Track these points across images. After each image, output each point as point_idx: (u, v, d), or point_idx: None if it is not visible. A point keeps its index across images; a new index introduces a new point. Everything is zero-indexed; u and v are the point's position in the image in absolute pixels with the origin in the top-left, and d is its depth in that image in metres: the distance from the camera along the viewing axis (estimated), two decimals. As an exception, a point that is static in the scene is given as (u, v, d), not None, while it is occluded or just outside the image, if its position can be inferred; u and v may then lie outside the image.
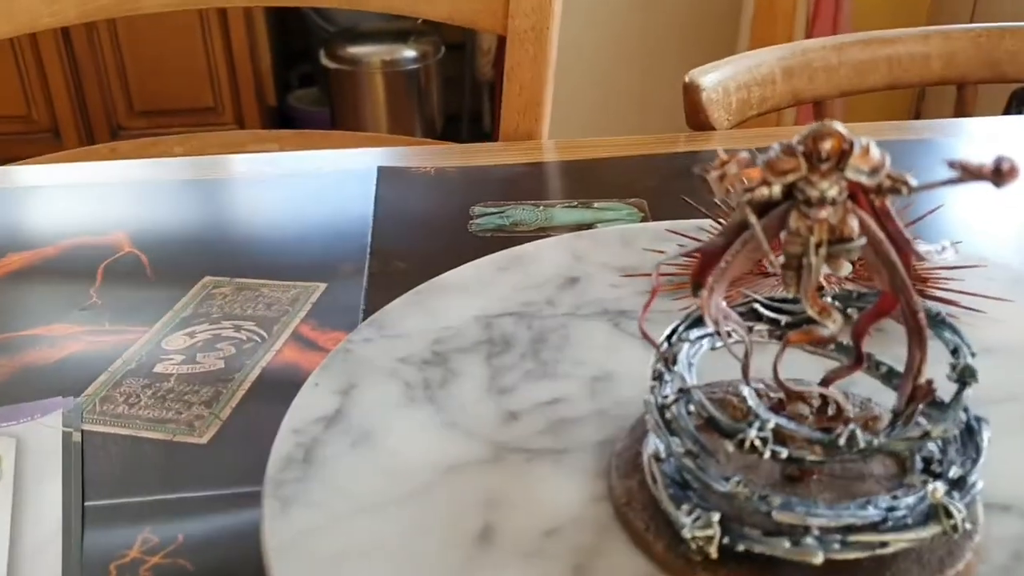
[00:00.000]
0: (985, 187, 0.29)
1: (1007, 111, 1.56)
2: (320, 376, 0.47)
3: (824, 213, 0.32)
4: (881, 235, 0.33)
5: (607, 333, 0.48)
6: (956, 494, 0.33)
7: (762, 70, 0.87)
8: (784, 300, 0.42)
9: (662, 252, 0.53)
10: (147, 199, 0.77)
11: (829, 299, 0.38)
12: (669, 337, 0.40)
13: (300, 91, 2.64)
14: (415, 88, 2.39)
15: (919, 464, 0.36)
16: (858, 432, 0.33)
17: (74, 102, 2.29)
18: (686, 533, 0.33)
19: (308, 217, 0.73)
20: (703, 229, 0.57)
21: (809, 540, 0.31)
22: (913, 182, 0.31)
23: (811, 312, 0.35)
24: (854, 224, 0.32)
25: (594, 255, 0.57)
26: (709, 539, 0.32)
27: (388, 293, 0.56)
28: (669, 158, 0.80)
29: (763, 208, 0.34)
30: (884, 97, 1.30)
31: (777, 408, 0.39)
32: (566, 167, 0.80)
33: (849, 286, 0.50)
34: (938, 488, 0.32)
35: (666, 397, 0.36)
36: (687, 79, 0.83)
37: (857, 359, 0.38)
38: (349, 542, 0.37)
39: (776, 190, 0.33)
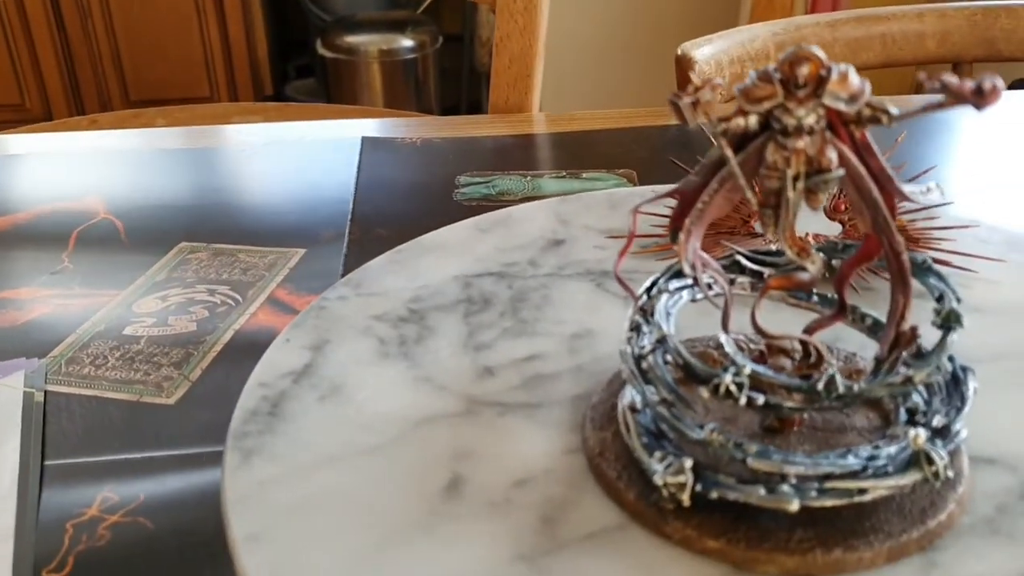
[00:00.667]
0: (967, 112, 0.28)
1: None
2: (292, 332, 0.45)
3: (801, 143, 0.30)
4: (862, 169, 0.31)
5: (589, 293, 0.46)
6: (939, 442, 0.31)
7: (756, 45, 0.86)
8: (768, 253, 0.40)
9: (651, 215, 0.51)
10: (126, 167, 0.75)
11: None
12: (649, 289, 0.38)
13: (297, 82, 2.63)
14: (412, 78, 2.37)
15: (903, 416, 0.34)
16: (837, 377, 0.32)
17: (68, 90, 2.28)
18: (658, 480, 0.32)
19: (289, 185, 0.72)
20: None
21: (785, 487, 0.30)
22: (894, 110, 0.30)
23: (790, 253, 0.33)
24: (832, 155, 0.31)
25: (580, 218, 0.55)
26: (681, 486, 0.31)
27: (368, 259, 0.55)
28: (660, 130, 0.79)
29: (740, 143, 0.32)
30: (883, 75, 1.28)
31: (758, 360, 0.37)
32: (556, 139, 0.78)
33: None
34: (920, 434, 0.30)
35: (643, 347, 0.34)
36: (680, 51, 0.82)
37: (840, 308, 0.36)
38: (310, 493, 0.35)
39: (753, 121, 0.31)
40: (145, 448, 0.46)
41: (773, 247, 0.39)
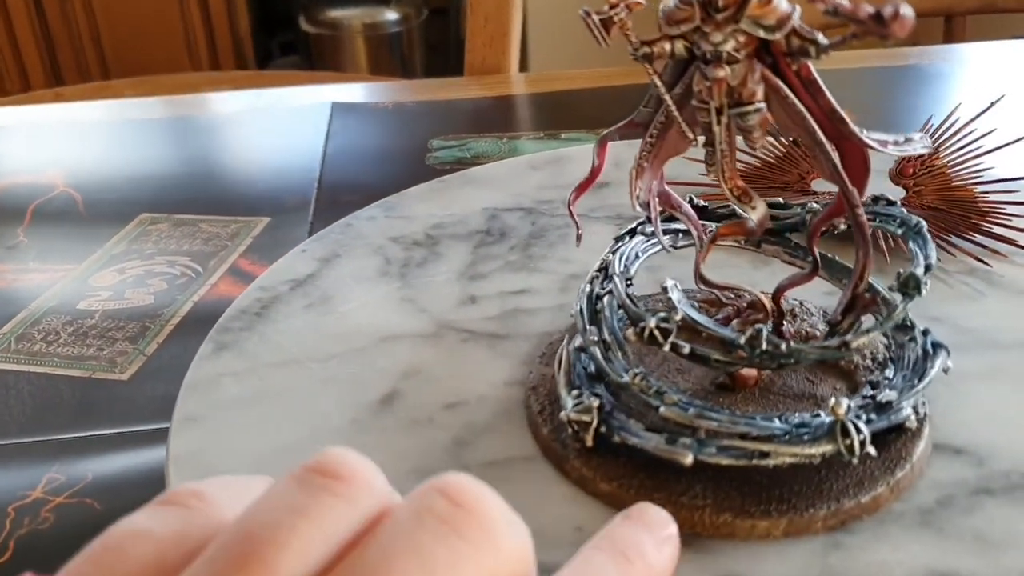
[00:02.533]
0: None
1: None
2: (311, 244, 0.48)
3: (722, 72, 0.28)
4: (799, 106, 0.29)
5: (608, 236, 0.45)
6: (872, 416, 0.29)
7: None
8: (772, 206, 0.37)
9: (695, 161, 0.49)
10: (89, 140, 0.73)
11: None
12: (632, 231, 0.37)
13: (282, 59, 2.59)
14: (398, 52, 2.33)
15: (868, 390, 0.32)
16: (765, 334, 0.30)
17: (47, 69, 2.24)
18: (563, 415, 0.31)
19: (256, 154, 0.69)
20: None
21: (686, 440, 0.29)
22: (823, 40, 0.27)
23: (729, 197, 0.31)
24: (758, 88, 0.28)
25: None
26: (586, 425, 0.31)
27: (334, 226, 0.52)
28: (641, 89, 0.75)
29: (681, 71, 0.30)
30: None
31: (731, 317, 0.35)
32: (534, 99, 0.76)
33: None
34: (841, 404, 0.28)
35: (605, 289, 0.34)
36: (661, 6, 0.78)
37: (813, 266, 0.34)
38: (259, 389, 0.37)
39: (680, 47, 0.29)
40: (95, 426, 0.43)
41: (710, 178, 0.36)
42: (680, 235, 0.37)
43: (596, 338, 0.32)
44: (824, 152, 0.29)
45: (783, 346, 0.30)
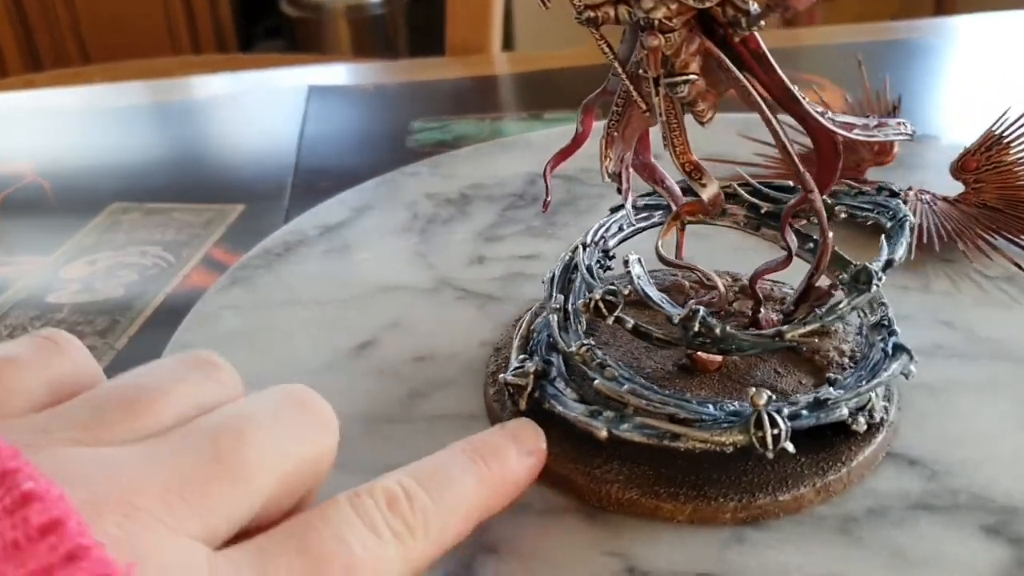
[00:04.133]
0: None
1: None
2: (350, 193, 0.51)
3: (655, 41, 0.27)
4: (743, 80, 0.28)
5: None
6: (804, 412, 0.29)
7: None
8: (780, 188, 0.36)
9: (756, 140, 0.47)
10: (59, 127, 0.71)
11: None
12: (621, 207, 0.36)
13: (264, 44, 2.56)
14: (382, 35, 2.31)
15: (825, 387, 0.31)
16: (700, 315, 0.29)
17: (25, 56, 2.21)
18: (501, 378, 0.32)
19: (231, 139, 0.67)
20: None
21: (608, 414, 0.29)
22: (755, 8, 0.26)
23: (680, 171, 0.30)
24: (691, 59, 0.28)
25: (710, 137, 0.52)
26: (521, 389, 0.31)
27: (312, 212, 0.51)
28: (627, 66, 0.74)
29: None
30: (864, 4, 1.24)
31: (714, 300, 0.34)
32: (517, 79, 0.74)
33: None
34: (761, 395, 0.27)
35: (585, 260, 0.34)
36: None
37: (788, 253, 0.33)
38: (253, 324, 0.40)
39: (623, 12, 0.28)
40: (63, 425, 0.41)
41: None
42: (666, 212, 0.36)
43: (558, 306, 0.33)
44: (772, 130, 0.28)
45: (717, 329, 0.29)
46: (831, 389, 0.29)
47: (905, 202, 0.35)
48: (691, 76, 0.28)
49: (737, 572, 0.27)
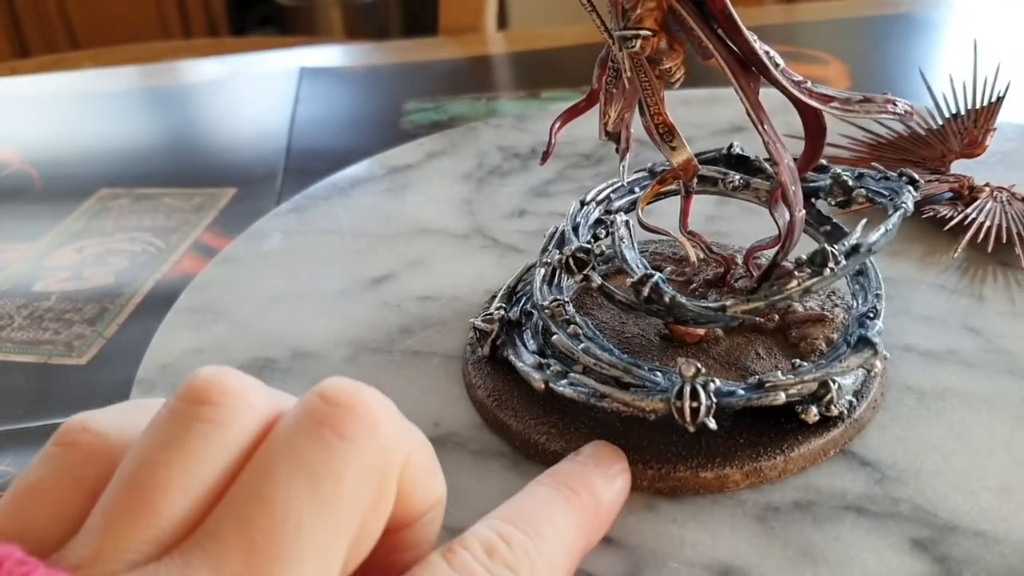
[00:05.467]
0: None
1: None
2: (430, 139, 0.53)
3: None
4: (706, 41, 0.27)
5: None
6: (739, 391, 0.28)
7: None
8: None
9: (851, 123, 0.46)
10: (46, 114, 0.69)
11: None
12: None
13: (258, 32, 2.54)
14: (375, 21, 2.28)
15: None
16: (651, 282, 0.29)
17: (13, 43, 2.18)
18: (470, 320, 0.34)
19: (221, 123, 0.66)
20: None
21: (556, 368, 0.30)
22: None
23: (652, 132, 0.30)
24: (647, 14, 0.27)
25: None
26: (485, 335, 0.33)
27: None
28: (625, 44, 0.72)
29: None
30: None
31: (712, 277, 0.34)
32: (513, 59, 0.73)
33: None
34: (690, 367, 0.27)
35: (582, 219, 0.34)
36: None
37: (778, 233, 0.32)
38: (295, 247, 0.44)
39: None
40: (51, 415, 0.41)
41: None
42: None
43: (549, 260, 0.33)
44: (737, 92, 0.28)
45: (666, 297, 0.29)
46: (778, 374, 0.28)
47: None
48: (642, 31, 0.27)
49: (629, 537, 0.27)
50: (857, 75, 0.65)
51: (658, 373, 0.28)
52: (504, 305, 0.34)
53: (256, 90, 0.70)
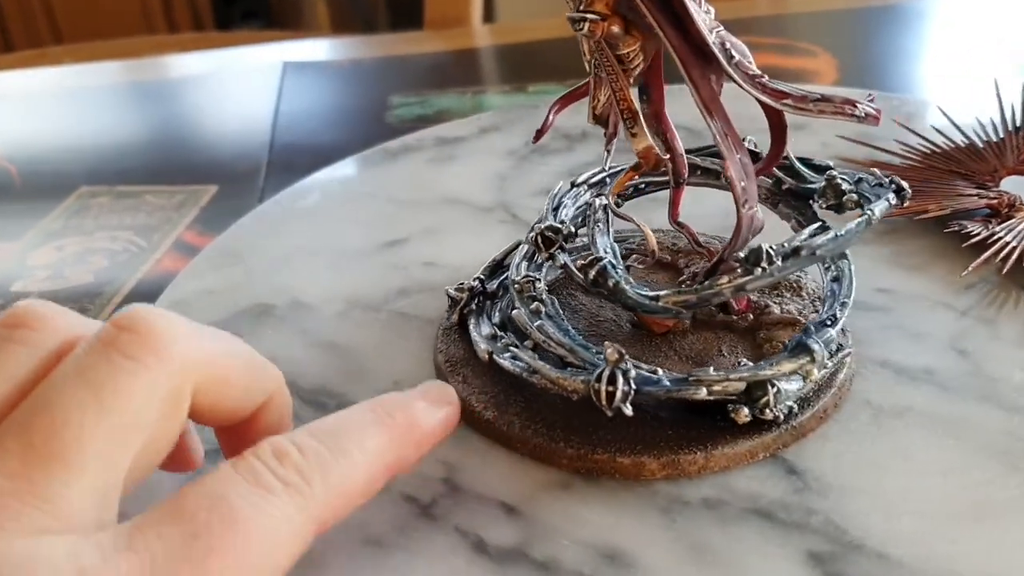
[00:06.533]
0: None
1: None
2: (489, 115, 0.55)
3: None
4: (656, 28, 0.27)
5: None
6: (665, 383, 0.28)
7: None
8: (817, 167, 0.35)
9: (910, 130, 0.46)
10: (25, 110, 0.69)
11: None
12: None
13: (243, 26, 2.52)
14: (361, 13, 2.27)
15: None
16: (600, 265, 0.30)
17: (-3, 40, 2.16)
18: (445, 288, 0.35)
19: (203, 119, 0.66)
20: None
21: (505, 341, 0.31)
22: None
23: (617, 114, 0.30)
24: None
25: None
26: (455, 303, 0.34)
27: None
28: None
29: None
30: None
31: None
32: (499, 52, 0.73)
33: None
34: (615, 352, 0.28)
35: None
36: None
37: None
38: (328, 206, 0.46)
39: None
40: (30, 418, 0.40)
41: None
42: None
43: (534, 234, 0.33)
44: (687, 83, 0.28)
45: (611, 282, 0.30)
46: (709, 370, 0.29)
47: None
48: (589, 15, 0.28)
49: (533, 510, 0.28)
50: (847, 67, 0.65)
51: (599, 357, 0.29)
52: (482, 276, 0.35)
53: (239, 85, 0.69)
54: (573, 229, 0.33)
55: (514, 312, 0.32)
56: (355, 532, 0.27)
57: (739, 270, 0.29)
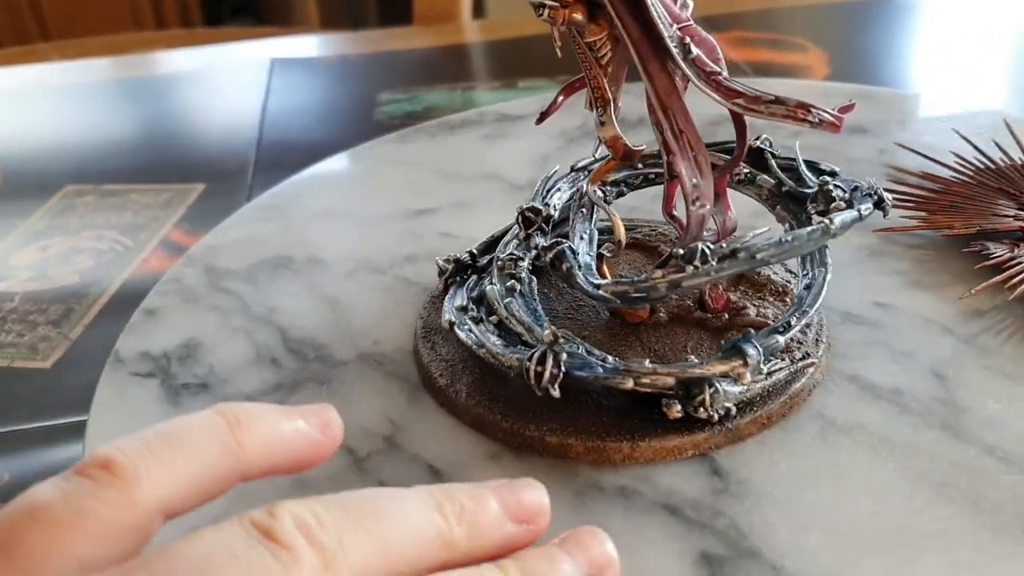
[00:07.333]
0: None
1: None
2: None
3: None
4: (615, 17, 0.28)
5: None
6: (597, 370, 0.29)
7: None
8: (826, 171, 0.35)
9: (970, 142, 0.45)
10: (10, 108, 0.68)
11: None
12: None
13: (232, 22, 2.51)
14: (351, 11, 2.26)
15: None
16: (558, 250, 0.31)
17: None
18: (436, 259, 0.36)
19: (190, 116, 0.66)
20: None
21: (473, 315, 0.32)
22: None
23: (591, 99, 0.31)
24: None
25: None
26: (442, 272, 0.35)
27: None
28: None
29: None
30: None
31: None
32: (489, 47, 0.72)
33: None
34: (548, 334, 0.29)
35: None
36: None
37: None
38: (374, 167, 0.49)
39: None
40: (15, 420, 0.41)
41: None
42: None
43: (527, 205, 0.34)
44: (642, 75, 0.29)
45: (564, 266, 0.31)
46: (645, 362, 0.29)
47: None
48: (549, 1, 0.28)
49: (459, 476, 0.29)
50: (838, 62, 0.65)
51: (561, 339, 0.30)
52: (475, 250, 0.36)
53: (227, 82, 0.69)
54: (554, 212, 0.34)
55: (487, 286, 0.33)
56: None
57: (681, 261, 0.29)
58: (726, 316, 0.34)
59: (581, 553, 0.22)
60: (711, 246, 0.29)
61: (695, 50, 0.29)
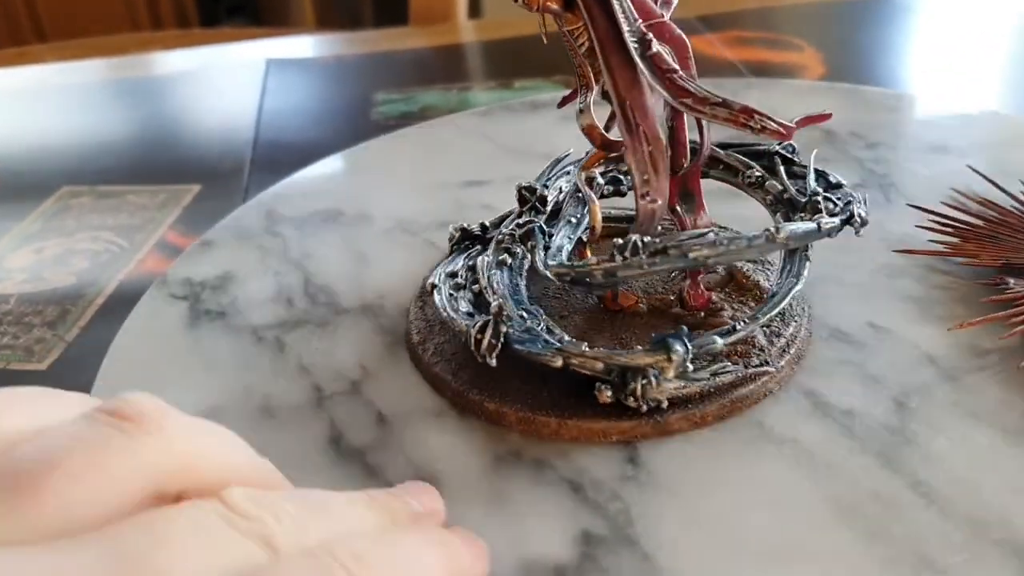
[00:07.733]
0: None
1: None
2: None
3: None
4: (584, 14, 0.29)
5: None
6: (535, 345, 0.30)
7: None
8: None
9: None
10: (8, 109, 0.68)
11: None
12: None
13: (228, 23, 2.51)
14: (347, 10, 2.26)
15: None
16: (530, 228, 0.33)
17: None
18: (449, 226, 0.38)
19: (186, 117, 0.66)
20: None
21: (462, 294, 0.34)
22: None
23: (575, 83, 0.32)
24: None
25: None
26: (452, 238, 0.37)
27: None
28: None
29: None
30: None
31: None
32: (485, 47, 0.72)
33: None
34: (495, 306, 0.31)
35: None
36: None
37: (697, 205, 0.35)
38: (404, 145, 0.50)
39: None
40: (10, 423, 0.39)
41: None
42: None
43: (530, 182, 0.36)
44: (603, 67, 0.29)
45: (529, 243, 0.33)
46: (583, 346, 0.30)
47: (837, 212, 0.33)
48: None
49: (401, 426, 0.31)
50: (833, 61, 0.65)
51: (525, 314, 0.31)
52: (487, 223, 0.38)
53: (223, 82, 0.69)
54: (548, 193, 0.36)
55: (477, 260, 0.35)
56: (256, 400, 0.32)
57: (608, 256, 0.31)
58: (702, 314, 0.34)
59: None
60: (645, 240, 0.30)
61: (656, 47, 0.29)
